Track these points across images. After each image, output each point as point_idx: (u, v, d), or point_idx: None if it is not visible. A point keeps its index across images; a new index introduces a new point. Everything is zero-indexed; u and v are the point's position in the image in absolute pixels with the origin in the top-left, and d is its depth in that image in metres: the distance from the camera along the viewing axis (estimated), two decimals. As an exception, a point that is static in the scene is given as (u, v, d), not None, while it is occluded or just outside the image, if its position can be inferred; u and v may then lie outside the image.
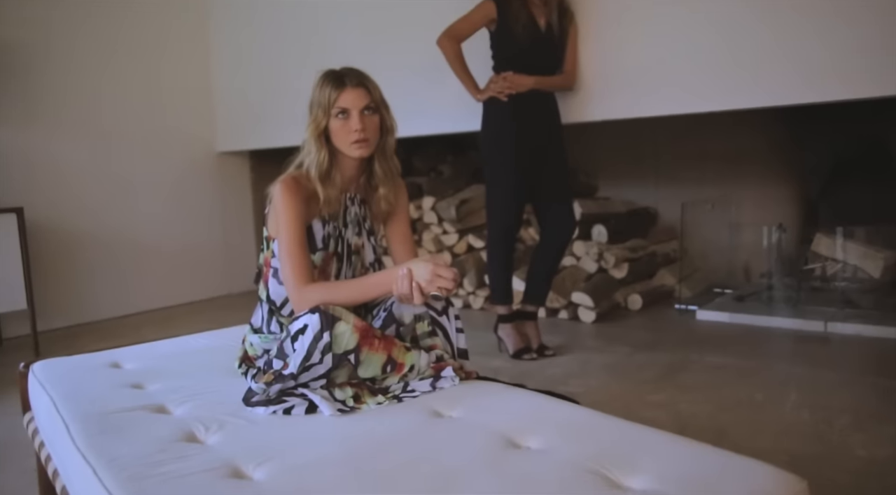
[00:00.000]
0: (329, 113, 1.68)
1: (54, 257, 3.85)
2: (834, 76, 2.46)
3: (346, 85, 1.68)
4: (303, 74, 3.99)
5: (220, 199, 4.73)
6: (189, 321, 4.00)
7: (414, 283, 1.51)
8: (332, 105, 1.67)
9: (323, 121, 1.69)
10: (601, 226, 3.90)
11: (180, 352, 1.94)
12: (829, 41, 2.45)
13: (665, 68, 2.82)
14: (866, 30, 2.38)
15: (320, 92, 1.70)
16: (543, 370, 2.79)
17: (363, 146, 1.68)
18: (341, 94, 1.67)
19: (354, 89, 1.68)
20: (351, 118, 1.67)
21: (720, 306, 3.57)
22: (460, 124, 3.39)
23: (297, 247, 1.62)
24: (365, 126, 1.67)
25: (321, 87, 1.70)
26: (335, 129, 1.68)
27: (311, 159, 1.71)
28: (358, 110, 1.67)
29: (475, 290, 3.96)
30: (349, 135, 1.67)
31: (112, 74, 4.11)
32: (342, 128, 1.67)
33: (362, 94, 1.68)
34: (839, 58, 2.44)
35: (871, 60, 2.37)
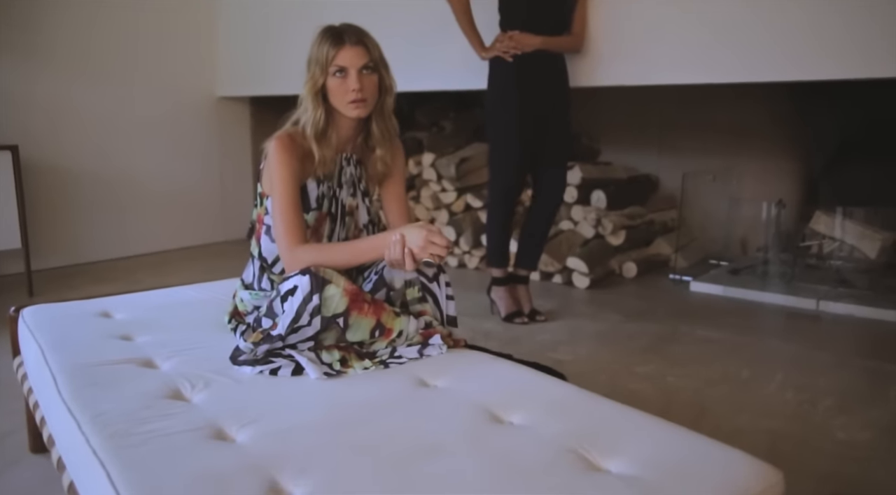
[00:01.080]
0: (327, 71, 1.64)
1: (50, 196, 3.83)
2: (855, 53, 2.40)
3: (345, 42, 1.64)
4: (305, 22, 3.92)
5: (219, 145, 4.68)
6: (183, 267, 4.00)
7: (406, 249, 1.50)
8: (330, 63, 1.63)
9: (320, 79, 1.65)
10: (600, 192, 3.87)
11: (171, 304, 1.94)
12: (850, 17, 2.39)
13: (677, 37, 2.76)
14: (887, 7, 2.32)
15: (318, 49, 1.66)
16: (533, 335, 2.81)
17: (360, 106, 1.64)
18: (339, 52, 1.63)
19: (353, 47, 1.64)
20: (349, 77, 1.63)
21: (714, 278, 3.57)
22: (464, 82, 3.34)
23: (291, 207, 1.60)
24: (363, 85, 1.63)
25: (319, 44, 1.66)
26: (332, 88, 1.65)
27: (307, 117, 1.68)
28: (356, 69, 1.63)
29: (471, 250, 3.95)
30: (346, 94, 1.63)
31: (114, 11, 4.01)
32: (340, 87, 1.64)
33: (361, 53, 1.64)
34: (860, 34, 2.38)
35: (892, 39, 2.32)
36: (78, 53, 3.89)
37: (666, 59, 2.82)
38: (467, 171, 4.07)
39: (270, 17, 4.19)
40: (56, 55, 3.80)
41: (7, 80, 3.62)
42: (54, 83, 3.80)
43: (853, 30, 2.39)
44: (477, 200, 3.99)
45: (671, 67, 2.82)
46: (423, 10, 3.38)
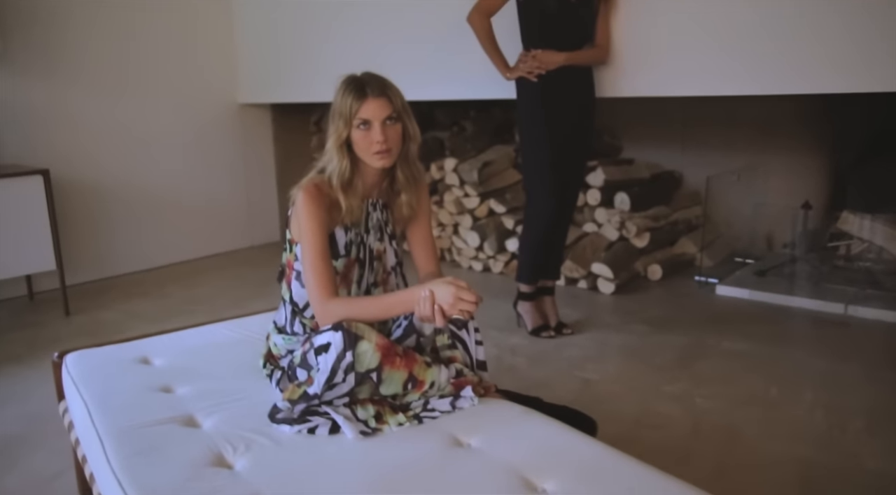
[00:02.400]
0: (351, 124, 1.66)
1: (80, 213, 3.90)
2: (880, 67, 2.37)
3: (368, 95, 1.65)
4: (326, 30, 3.97)
5: (242, 151, 4.72)
6: (211, 278, 4.07)
7: (436, 306, 1.53)
8: (354, 116, 1.65)
9: (344, 132, 1.67)
10: (624, 194, 3.85)
11: (205, 346, 1.98)
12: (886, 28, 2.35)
13: (701, 48, 2.72)
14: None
15: (342, 101, 1.67)
16: (560, 350, 2.83)
17: (386, 156, 1.66)
18: (363, 105, 1.64)
19: (376, 99, 1.65)
20: (373, 129, 1.64)
21: (740, 281, 3.56)
22: (487, 91, 3.32)
23: (321, 260, 1.63)
24: (387, 137, 1.65)
25: (342, 96, 1.67)
26: (357, 140, 1.66)
27: (332, 167, 1.70)
28: (380, 121, 1.64)
29: (495, 254, 3.97)
30: (371, 146, 1.65)
31: (133, 27, 4.04)
32: (364, 139, 1.66)
33: (384, 104, 1.66)
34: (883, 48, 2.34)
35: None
36: (98, 70, 3.93)
37: (690, 70, 2.79)
38: (489, 175, 4.07)
39: (289, 24, 4.20)
40: (77, 73, 3.85)
41: (34, 102, 3.68)
42: (78, 101, 3.86)
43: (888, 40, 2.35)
44: (500, 206, 3.99)
45: (695, 78, 2.79)
46: (445, 18, 3.36)
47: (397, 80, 1.78)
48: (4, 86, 3.55)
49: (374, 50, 3.76)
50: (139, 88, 4.11)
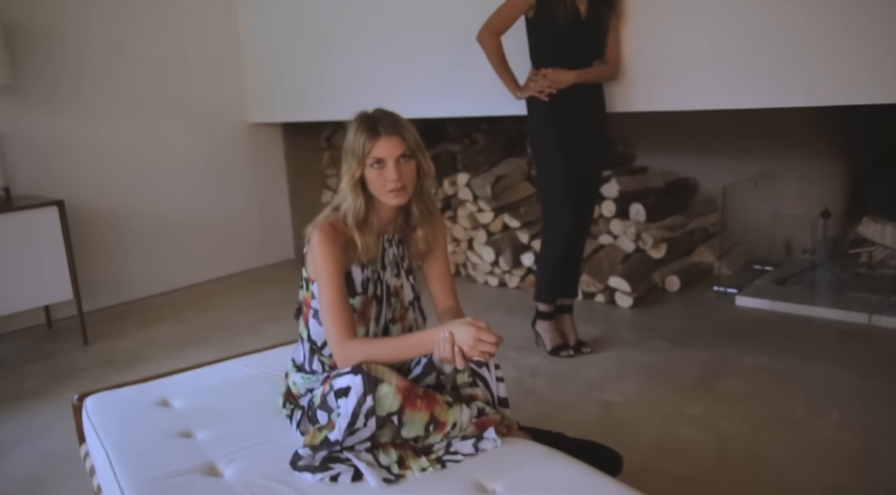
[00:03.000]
0: (364, 163, 1.64)
1: (95, 239, 3.91)
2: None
3: (381, 133, 1.63)
4: (335, 48, 3.96)
5: (254, 170, 4.73)
6: (227, 301, 4.07)
7: (456, 348, 1.51)
8: (367, 155, 1.63)
9: (358, 171, 1.65)
10: (639, 205, 3.82)
11: (224, 385, 1.97)
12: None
13: (714, 61, 2.69)
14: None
15: (354, 140, 1.65)
16: (580, 370, 2.80)
17: (400, 194, 1.65)
18: (376, 144, 1.63)
19: (389, 138, 1.63)
20: (387, 168, 1.63)
21: (760, 291, 3.51)
22: (495, 108, 3.31)
23: (338, 301, 1.61)
24: (401, 174, 1.64)
25: (355, 135, 1.66)
26: (371, 179, 1.65)
27: (347, 206, 1.69)
28: (393, 159, 1.63)
29: (511, 269, 3.95)
30: (386, 184, 1.63)
31: (142, 53, 4.05)
32: (378, 177, 1.64)
33: (397, 143, 1.64)
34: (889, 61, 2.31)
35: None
36: (108, 97, 3.94)
37: (700, 85, 2.76)
38: (503, 190, 4.05)
39: (297, 43, 4.19)
40: (88, 101, 3.86)
41: (46, 131, 3.69)
42: (89, 129, 3.87)
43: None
44: (514, 220, 3.97)
45: (708, 92, 2.76)
46: (454, 35, 3.34)
47: (406, 97, 1.77)
48: (17, 116, 3.56)
49: (383, 67, 3.75)
50: (150, 113, 4.12)
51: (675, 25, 2.76)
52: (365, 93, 3.87)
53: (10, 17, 3.47)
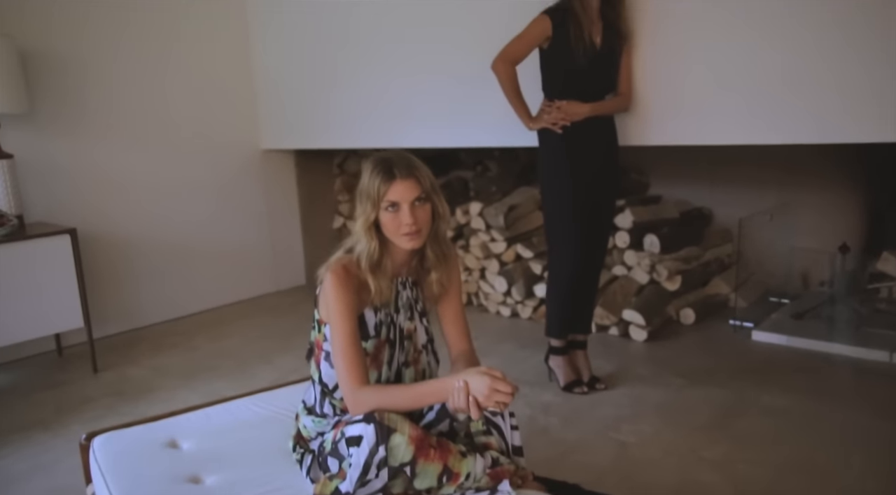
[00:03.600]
0: (378, 206, 1.62)
1: (107, 265, 3.91)
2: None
3: (396, 177, 1.61)
4: (348, 76, 3.96)
5: (266, 196, 4.73)
6: (239, 328, 4.04)
7: (471, 398, 1.47)
8: (382, 198, 1.61)
9: (373, 214, 1.63)
10: (653, 236, 3.78)
11: (234, 426, 1.95)
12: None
13: (728, 95, 2.67)
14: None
15: (369, 183, 1.63)
16: (594, 408, 2.75)
17: (415, 238, 1.63)
18: (391, 187, 1.61)
19: (404, 181, 1.61)
20: (401, 211, 1.61)
21: (777, 326, 3.46)
22: (507, 139, 3.29)
23: (351, 346, 1.59)
24: (416, 218, 1.62)
25: (370, 178, 1.64)
26: (386, 222, 1.63)
27: (361, 248, 1.66)
28: (409, 203, 1.61)
29: (523, 300, 3.91)
30: (400, 228, 1.61)
31: (155, 79, 4.07)
32: (393, 221, 1.62)
33: (412, 186, 1.62)
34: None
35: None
36: (121, 123, 3.95)
37: (717, 119, 2.73)
38: (516, 219, 4.02)
39: (310, 70, 4.21)
40: (101, 128, 3.87)
41: (60, 158, 3.70)
42: (102, 155, 3.88)
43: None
44: (527, 250, 3.94)
45: (723, 127, 2.73)
46: (467, 65, 3.34)
47: (418, 126, 1.75)
48: (32, 144, 3.58)
49: (395, 96, 3.75)
50: (163, 141, 4.14)
51: (690, 59, 2.74)
52: (377, 121, 3.88)
53: (26, 45, 3.49)
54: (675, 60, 2.78)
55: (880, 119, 2.38)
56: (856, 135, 2.48)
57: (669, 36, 2.78)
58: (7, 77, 3.26)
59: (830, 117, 2.49)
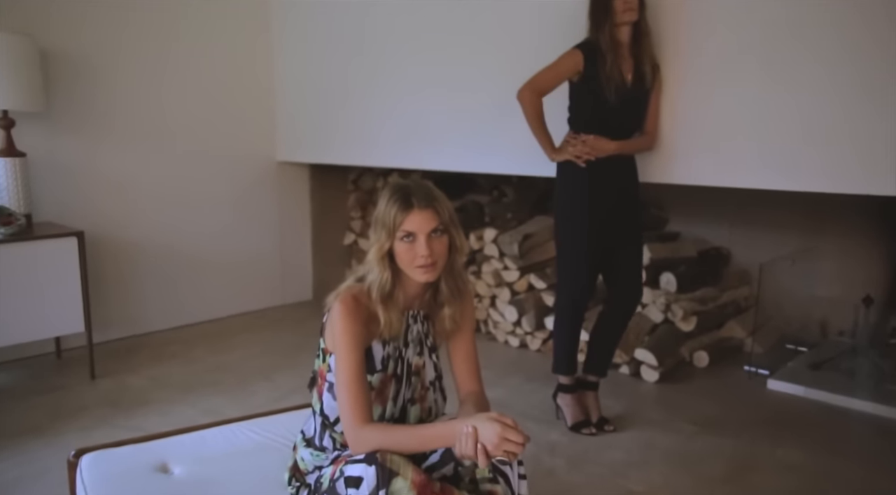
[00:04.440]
0: (394, 235, 1.55)
1: (113, 270, 3.86)
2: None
3: (414, 206, 1.54)
4: (368, 93, 3.92)
5: (278, 208, 4.68)
6: (241, 342, 3.97)
7: (479, 445, 1.39)
8: (398, 227, 1.54)
9: (387, 243, 1.56)
10: (670, 275, 3.70)
11: (228, 452, 1.87)
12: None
13: (759, 138, 2.60)
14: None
15: (386, 211, 1.56)
16: (602, 452, 2.66)
17: (430, 271, 1.55)
18: (408, 217, 1.54)
19: (422, 211, 1.54)
20: (417, 242, 1.54)
21: (794, 375, 3.35)
22: (527, 167, 3.24)
23: (355, 381, 1.51)
24: (432, 250, 1.54)
25: (387, 205, 1.57)
26: (400, 253, 1.56)
27: (373, 278, 1.59)
28: (425, 234, 1.54)
29: (533, 331, 3.82)
30: (415, 259, 1.54)
31: (174, 86, 4.05)
32: (408, 252, 1.55)
33: (430, 217, 1.55)
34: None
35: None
36: (137, 127, 3.92)
37: (740, 161, 2.66)
38: (530, 248, 3.95)
39: (331, 86, 4.17)
40: (116, 131, 3.84)
41: (73, 160, 3.67)
42: (115, 159, 3.84)
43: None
44: (540, 281, 3.85)
45: (751, 170, 2.65)
46: (490, 90, 3.29)
47: (437, 149, 1.69)
48: (45, 143, 3.55)
49: (415, 117, 3.70)
50: (178, 147, 4.10)
51: (717, 100, 2.68)
52: (394, 140, 3.83)
53: (46, 44, 3.47)
54: (702, 100, 2.72)
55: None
56: (871, 187, 2.40)
57: (698, 75, 2.71)
58: (26, 75, 3.23)
59: (845, 168, 2.43)
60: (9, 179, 3.27)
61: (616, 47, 2.60)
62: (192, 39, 4.10)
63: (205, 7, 4.13)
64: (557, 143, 2.75)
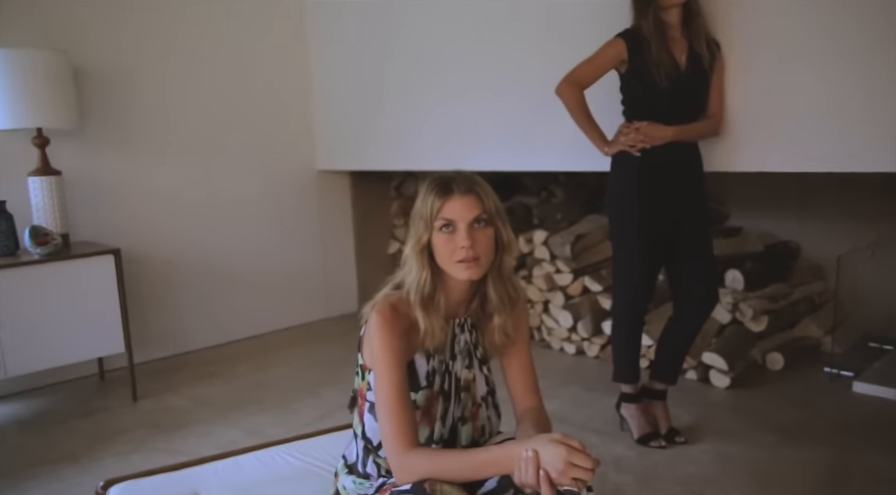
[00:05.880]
0: (432, 226, 1.37)
1: (152, 287, 3.77)
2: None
3: (453, 192, 1.37)
4: (407, 97, 3.76)
5: (319, 218, 4.55)
6: (285, 357, 3.84)
7: (541, 472, 1.20)
8: (436, 216, 1.37)
9: (425, 235, 1.38)
10: (736, 271, 3.43)
11: (265, 479, 1.72)
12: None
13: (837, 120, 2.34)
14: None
15: (423, 200, 1.40)
16: (674, 467, 2.42)
17: (472, 266, 1.36)
18: (446, 203, 1.36)
19: (463, 197, 1.37)
20: (457, 232, 1.36)
21: (882, 377, 3.05)
22: (577, 163, 3.03)
23: (397, 401, 1.33)
24: (474, 241, 1.36)
25: (425, 195, 1.40)
26: (438, 245, 1.38)
27: (411, 280, 1.41)
28: (466, 223, 1.36)
29: (590, 337, 3.59)
30: (455, 253, 1.36)
31: (209, 97, 3.95)
32: (447, 244, 1.37)
33: (472, 203, 1.37)
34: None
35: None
36: (173, 142, 3.83)
37: (820, 145, 2.40)
38: (583, 249, 3.73)
39: (369, 90, 4.03)
40: (152, 146, 3.75)
41: (109, 177, 3.59)
42: (152, 174, 3.76)
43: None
44: (596, 284, 3.63)
45: (826, 154, 2.39)
46: (533, 85, 3.09)
47: (481, 148, 1.53)
48: (80, 161, 3.48)
49: (456, 118, 3.52)
50: (214, 160, 4.00)
51: (790, 77, 2.42)
52: (436, 142, 3.65)
53: (78, 61, 3.40)
54: (769, 81, 2.47)
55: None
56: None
57: (764, 54, 2.47)
58: (60, 92, 3.16)
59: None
60: (45, 198, 3.20)
61: (664, 30, 2.39)
62: (226, 50, 4.00)
63: (238, 17, 4.03)
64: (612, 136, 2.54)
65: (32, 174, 3.18)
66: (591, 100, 2.54)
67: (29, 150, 3.21)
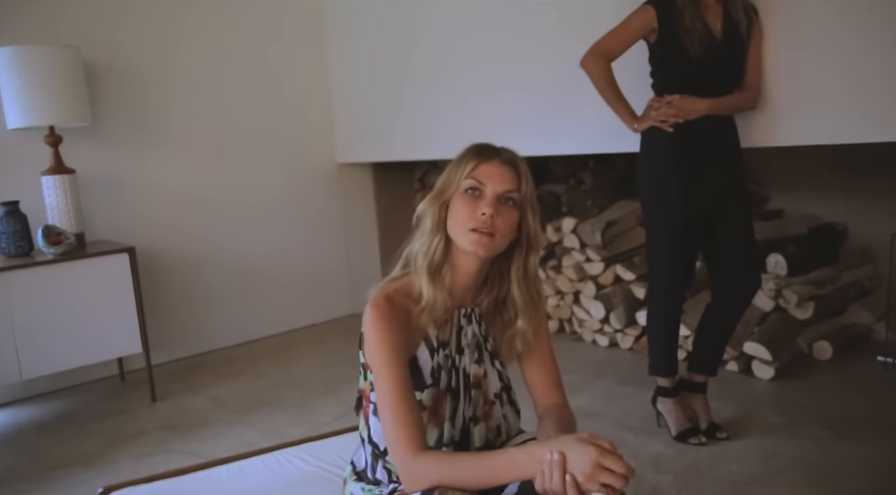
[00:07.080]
0: (459, 184, 1.25)
1: (171, 287, 3.69)
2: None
3: (493, 157, 1.26)
4: (428, 84, 3.62)
5: (341, 212, 4.44)
6: (308, 354, 3.75)
7: (568, 476, 1.05)
8: (467, 175, 1.25)
9: (448, 191, 1.26)
10: (778, 256, 3.24)
11: (270, 487, 1.61)
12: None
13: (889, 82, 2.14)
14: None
15: (458, 159, 1.28)
16: (716, 465, 2.25)
17: (483, 239, 1.23)
18: (482, 165, 1.25)
19: (501, 165, 1.26)
20: (483, 198, 1.23)
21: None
22: (604, 144, 2.90)
23: (401, 402, 1.20)
24: (497, 213, 1.22)
25: (462, 155, 1.29)
26: (457, 208, 1.26)
27: (421, 243, 1.30)
28: (495, 192, 1.23)
29: (623, 328, 3.42)
30: (470, 219, 1.23)
31: (225, 91, 3.86)
32: (466, 207, 1.24)
33: (508, 176, 1.25)
34: None
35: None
36: (189, 137, 3.75)
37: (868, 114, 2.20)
38: (614, 237, 3.56)
39: (388, 79, 3.90)
40: (167, 142, 3.67)
41: (123, 174, 3.52)
42: (168, 171, 3.68)
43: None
44: (628, 272, 3.45)
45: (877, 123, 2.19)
46: (557, 67, 2.93)
47: (506, 136, 1.40)
48: (94, 159, 3.41)
49: (479, 103, 3.38)
50: (231, 155, 3.90)
51: (836, 42, 2.23)
52: (460, 130, 3.51)
53: (90, 57, 3.33)
54: (810, 47, 2.28)
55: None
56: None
57: (805, 17, 2.28)
58: (71, 89, 3.09)
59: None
60: (59, 197, 3.13)
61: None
62: (241, 44, 3.91)
63: (254, 10, 3.93)
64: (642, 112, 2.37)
65: (46, 173, 3.12)
66: (618, 72, 2.38)
67: (42, 149, 3.14)
